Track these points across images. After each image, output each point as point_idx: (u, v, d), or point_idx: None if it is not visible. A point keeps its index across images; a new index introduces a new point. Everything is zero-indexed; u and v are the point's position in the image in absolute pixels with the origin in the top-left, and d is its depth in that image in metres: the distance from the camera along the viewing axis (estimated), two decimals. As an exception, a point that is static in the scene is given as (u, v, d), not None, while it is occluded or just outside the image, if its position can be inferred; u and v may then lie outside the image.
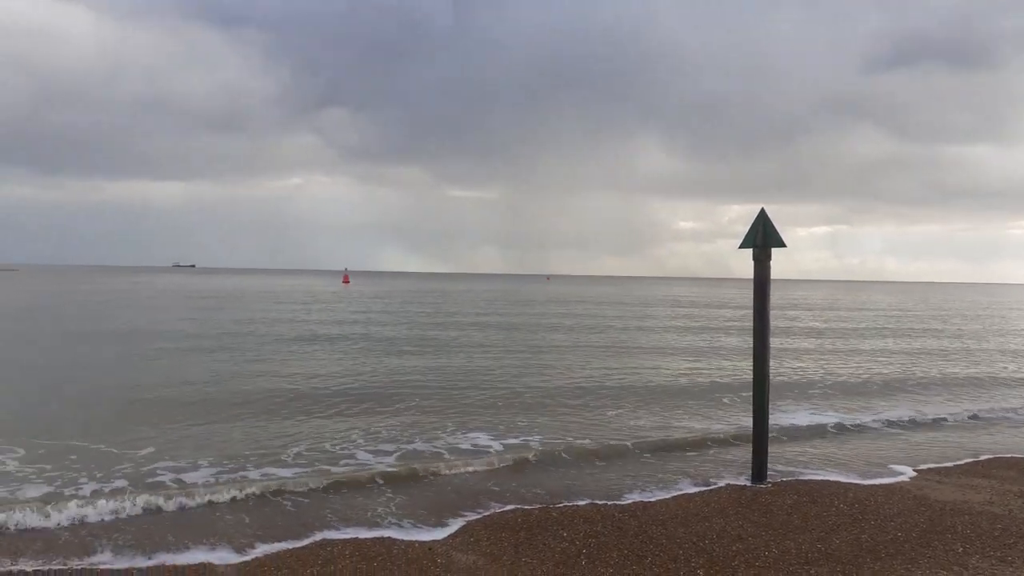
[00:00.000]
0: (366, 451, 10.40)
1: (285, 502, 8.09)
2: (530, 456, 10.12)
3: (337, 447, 10.58)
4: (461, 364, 19.92)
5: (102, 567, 6.14)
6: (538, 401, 14.54)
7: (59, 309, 40.32)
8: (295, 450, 10.36)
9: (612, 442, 10.97)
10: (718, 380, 17.92)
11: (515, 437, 11.37)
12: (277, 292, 70.75)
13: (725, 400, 15.05)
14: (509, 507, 7.88)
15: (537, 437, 11.35)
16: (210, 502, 7.99)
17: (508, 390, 15.72)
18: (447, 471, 9.35)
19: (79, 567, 6.12)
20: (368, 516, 7.62)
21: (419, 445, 10.82)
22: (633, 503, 8.00)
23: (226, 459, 9.74)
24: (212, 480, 8.82)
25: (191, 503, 7.93)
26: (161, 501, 7.86)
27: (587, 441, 11.10)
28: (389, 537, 6.94)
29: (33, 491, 8.15)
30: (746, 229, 8.67)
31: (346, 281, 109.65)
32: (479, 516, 7.54)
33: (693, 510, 7.70)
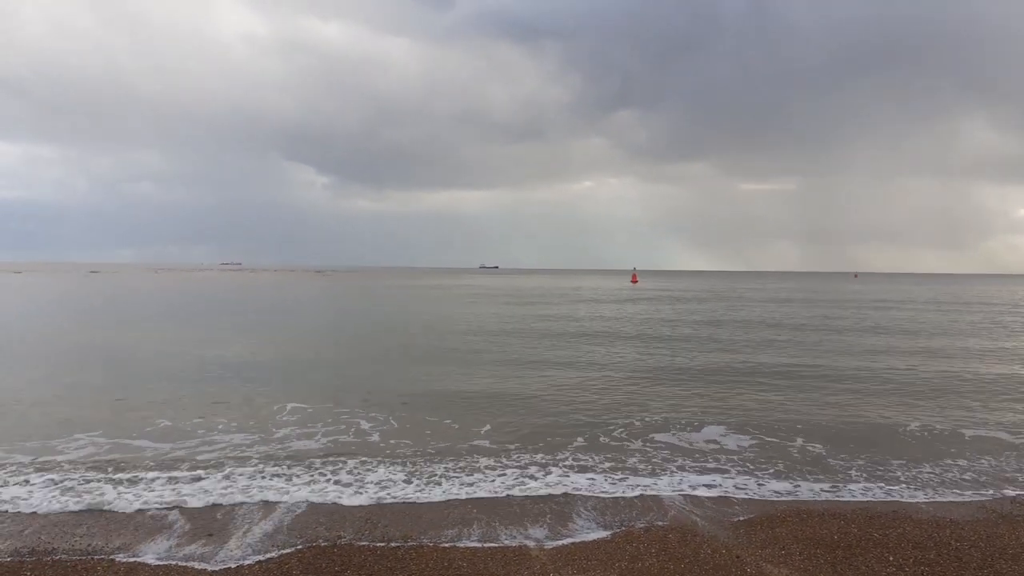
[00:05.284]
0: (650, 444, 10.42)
1: (593, 489, 8.37)
2: (844, 465, 9.51)
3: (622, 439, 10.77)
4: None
5: (427, 544, 6.73)
6: (851, 410, 13.58)
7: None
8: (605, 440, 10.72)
9: (944, 463, 9.85)
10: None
11: (821, 444, 10.76)
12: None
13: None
14: (824, 520, 7.39)
15: (846, 446, 10.62)
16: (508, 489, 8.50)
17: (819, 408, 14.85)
18: (753, 473, 9.13)
19: (407, 546, 6.74)
20: (671, 513, 7.59)
21: (707, 441, 10.64)
22: (973, 531, 7.12)
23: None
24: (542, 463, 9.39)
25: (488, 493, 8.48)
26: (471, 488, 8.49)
27: (905, 458, 10.11)
28: (696, 538, 6.84)
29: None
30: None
31: (635, 280, 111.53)
32: (788, 527, 7.17)
33: (1055, 547, 6.66)
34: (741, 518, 7.54)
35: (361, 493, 8.20)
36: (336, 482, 8.60)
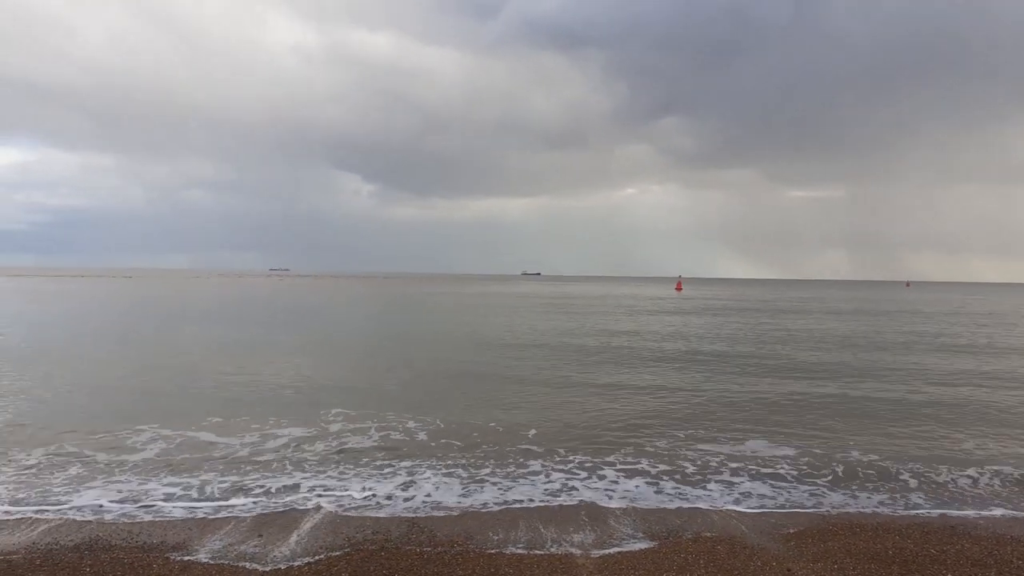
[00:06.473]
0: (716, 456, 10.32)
1: (639, 497, 8.30)
2: (897, 480, 9.30)
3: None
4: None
5: (472, 550, 6.74)
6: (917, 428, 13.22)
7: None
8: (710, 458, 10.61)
9: (1003, 480, 9.58)
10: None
11: (873, 458, 10.52)
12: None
13: None
14: (878, 534, 7.20)
15: (899, 461, 10.38)
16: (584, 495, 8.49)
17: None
18: (802, 485, 8.99)
19: (453, 552, 6.75)
20: (718, 524, 7.47)
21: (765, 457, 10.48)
22: (1037, 549, 6.85)
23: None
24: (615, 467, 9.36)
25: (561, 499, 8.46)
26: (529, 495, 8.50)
27: (961, 474, 9.84)
28: (745, 550, 6.72)
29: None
30: None
31: (679, 288, 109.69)
32: (840, 541, 7.01)
33: (1124, 569, 6.38)
34: (791, 530, 7.38)
35: (408, 497, 8.27)
36: (384, 485, 8.69)
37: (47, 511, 7.64)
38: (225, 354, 21.51)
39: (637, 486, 8.89)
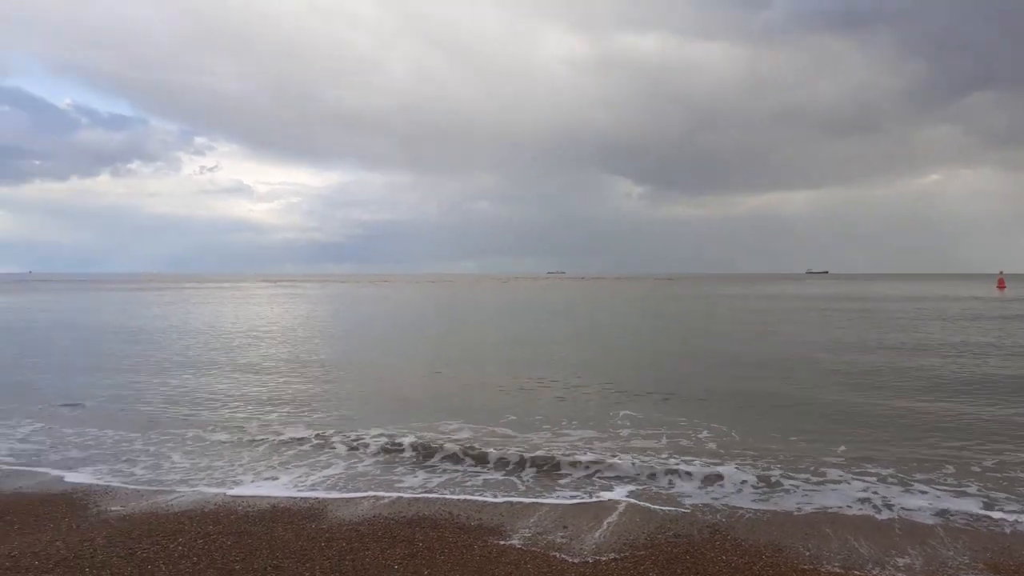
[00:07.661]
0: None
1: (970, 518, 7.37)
2: None
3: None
4: None
5: (782, 564, 6.38)
6: None
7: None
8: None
9: None
10: None
11: None
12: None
13: None
14: None
15: None
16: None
17: None
18: None
19: (761, 563, 6.46)
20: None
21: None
22: None
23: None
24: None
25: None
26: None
27: None
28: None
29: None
30: None
31: (1001, 286, 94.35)
32: None
33: None
34: None
35: (706, 499, 8.18)
36: (681, 485, 8.74)
37: (383, 490, 8.69)
38: (513, 354, 22.92)
39: (963, 506, 7.84)
